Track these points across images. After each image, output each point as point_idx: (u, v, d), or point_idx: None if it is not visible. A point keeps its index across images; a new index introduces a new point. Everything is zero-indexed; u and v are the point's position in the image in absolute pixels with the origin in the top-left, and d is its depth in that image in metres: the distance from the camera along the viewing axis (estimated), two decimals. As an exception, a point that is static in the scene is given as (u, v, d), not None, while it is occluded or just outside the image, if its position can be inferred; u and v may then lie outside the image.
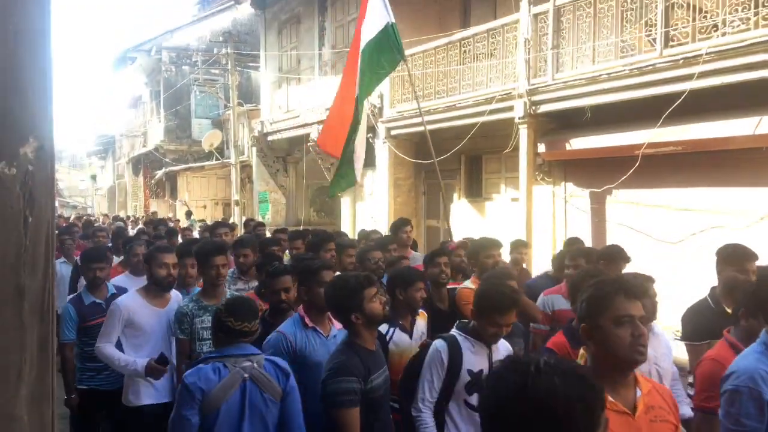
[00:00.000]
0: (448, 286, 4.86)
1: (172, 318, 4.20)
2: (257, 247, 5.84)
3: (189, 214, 19.87)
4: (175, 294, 4.45)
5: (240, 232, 11.79)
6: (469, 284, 4.87)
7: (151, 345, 4.17)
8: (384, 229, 8.94)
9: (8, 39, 1.05)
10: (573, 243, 6.25)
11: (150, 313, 4.23)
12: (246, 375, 2.92)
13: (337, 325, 3.45)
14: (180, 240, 8.46)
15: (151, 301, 4.27)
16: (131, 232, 11.93)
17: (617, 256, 5.00)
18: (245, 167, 19.56)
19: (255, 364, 2.97)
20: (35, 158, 1.07)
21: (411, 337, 3.97)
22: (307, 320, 3.51)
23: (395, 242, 6.23)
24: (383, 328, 3.77)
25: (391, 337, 3.89)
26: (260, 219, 17.25)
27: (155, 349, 4.09)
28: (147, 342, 4.18)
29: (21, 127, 1.06)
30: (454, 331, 3.42)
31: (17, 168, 1.04)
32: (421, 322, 4.14)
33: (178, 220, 17.97)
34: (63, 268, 7.20)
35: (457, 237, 7.64)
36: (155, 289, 4.31)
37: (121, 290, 4.84)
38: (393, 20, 6.29)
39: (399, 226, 6.64)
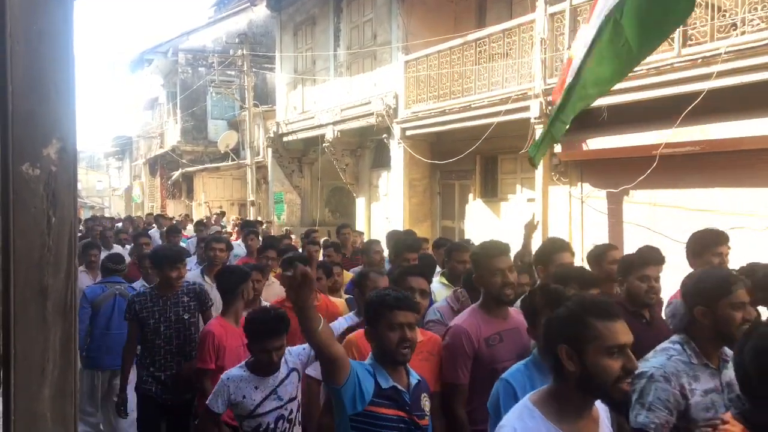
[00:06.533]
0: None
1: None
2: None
3: (222, 215, 19.57)
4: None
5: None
6: None
7: None
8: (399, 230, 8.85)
9: (32, 39, 1.06)
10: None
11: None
12: (117, 292, 5.53)
13: None
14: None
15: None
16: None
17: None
18: (261, 168, 19.63)
19: (123, 287, 5.60)
20: (58, 159, 1.08)
21: None
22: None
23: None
24: None
25: None
26: (276, 220, 17.33)
27: None
28: None
29: (44, 128, 1.07)
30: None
31: (40, 169, 1.05)
32: None
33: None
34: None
35: (472, 237, 7.61)
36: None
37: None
38: None
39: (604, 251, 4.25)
